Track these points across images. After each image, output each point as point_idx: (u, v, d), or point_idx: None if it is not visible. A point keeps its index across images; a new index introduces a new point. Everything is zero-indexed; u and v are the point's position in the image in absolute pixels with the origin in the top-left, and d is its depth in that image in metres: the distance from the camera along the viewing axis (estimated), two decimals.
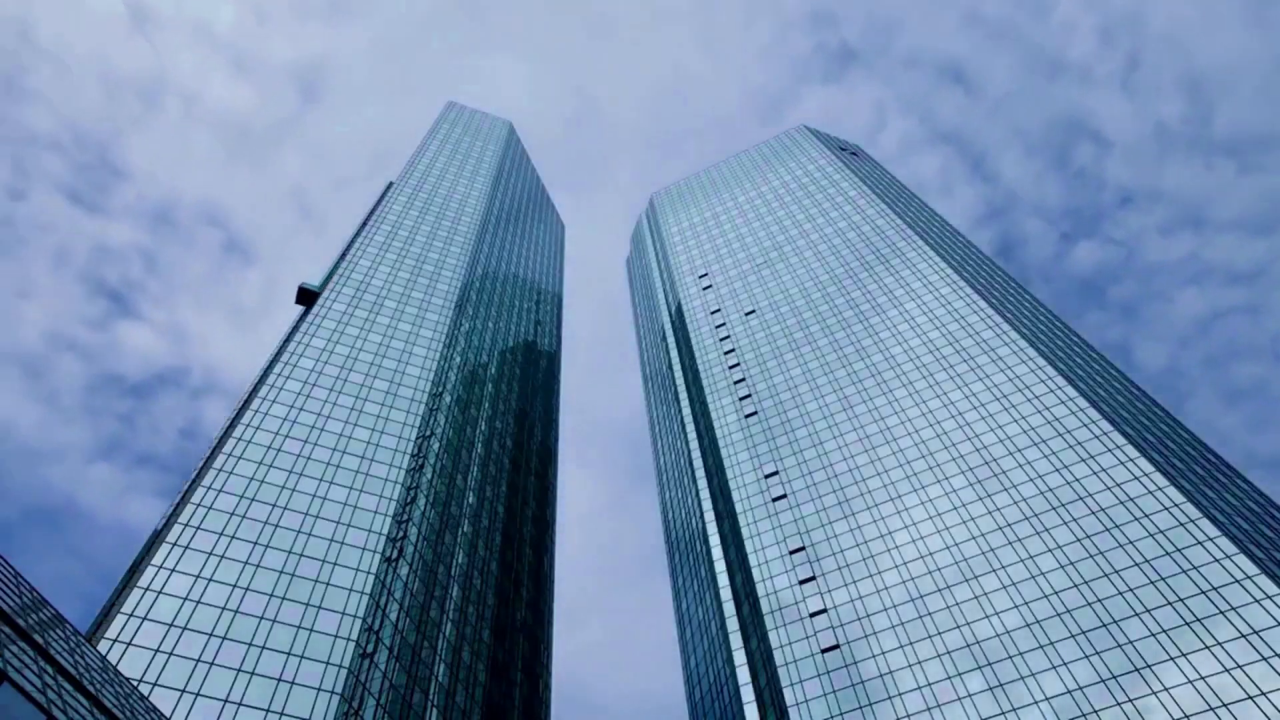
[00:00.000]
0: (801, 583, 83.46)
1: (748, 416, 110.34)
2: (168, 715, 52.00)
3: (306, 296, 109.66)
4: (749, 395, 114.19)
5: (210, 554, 67.94)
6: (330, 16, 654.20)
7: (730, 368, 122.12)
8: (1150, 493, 74.92)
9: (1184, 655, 62.08)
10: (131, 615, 60.55)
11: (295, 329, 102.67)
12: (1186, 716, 58.44)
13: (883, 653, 73.44)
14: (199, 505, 72.04)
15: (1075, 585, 70.79)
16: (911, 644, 73.06)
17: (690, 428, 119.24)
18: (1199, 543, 68.95)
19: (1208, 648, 61.82)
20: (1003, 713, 64.60)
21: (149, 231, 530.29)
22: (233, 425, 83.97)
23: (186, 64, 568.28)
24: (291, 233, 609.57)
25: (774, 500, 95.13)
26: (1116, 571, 70.09)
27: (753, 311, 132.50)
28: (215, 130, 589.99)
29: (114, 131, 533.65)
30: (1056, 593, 71.01)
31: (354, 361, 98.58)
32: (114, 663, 56.44)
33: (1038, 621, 69.64)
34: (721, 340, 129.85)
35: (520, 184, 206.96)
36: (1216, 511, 72.82)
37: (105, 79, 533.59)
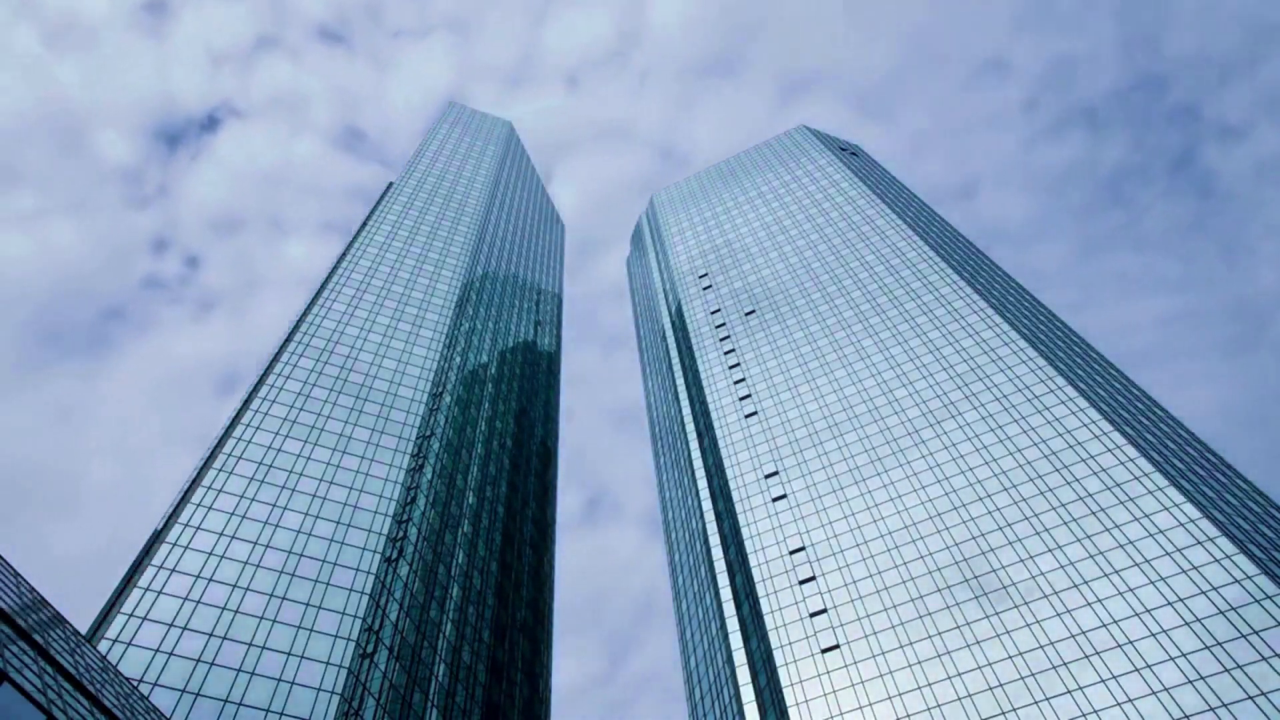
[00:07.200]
0: (801, 583, 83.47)
1: (748, 417, 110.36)
2: (168, 715, 52.00)
3: None
4: (749, 395, 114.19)
5: (210, 554, 67.98)
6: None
7: (730, 368, 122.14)
8: (1150, 492, 74.95)
9: (1184, 655, 62.11)
10: (131, 615, 60.60)
11: (295, 329, 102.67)
12: (1187, 716, 58.47)
13: (883, 652, 73.44)
14: (199, 505, 72.08)
15: (1075, 585, 70.80)
16: (911, 644, 73.06)
17: (690, 428, 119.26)
18: (1199, 542, 68.97)
19: (1208, 648, 61.85)
20: (1003, 713, 64.62)
21: None
22: (233, 425, 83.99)
23: None
24: None
25: (774, 500, 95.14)
26: (1116, 571, 70.10)
27: (753, 311, 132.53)
28: None
29: None
30: (1057, 593, 71.03)
31: (354, 361, 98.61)
32: (114, 663, 56.46)
33: (1038, 621, 69.65)
34: (721, 340, 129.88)
35: (520, 184, 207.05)
36: (1216, 511, 72.85)
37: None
